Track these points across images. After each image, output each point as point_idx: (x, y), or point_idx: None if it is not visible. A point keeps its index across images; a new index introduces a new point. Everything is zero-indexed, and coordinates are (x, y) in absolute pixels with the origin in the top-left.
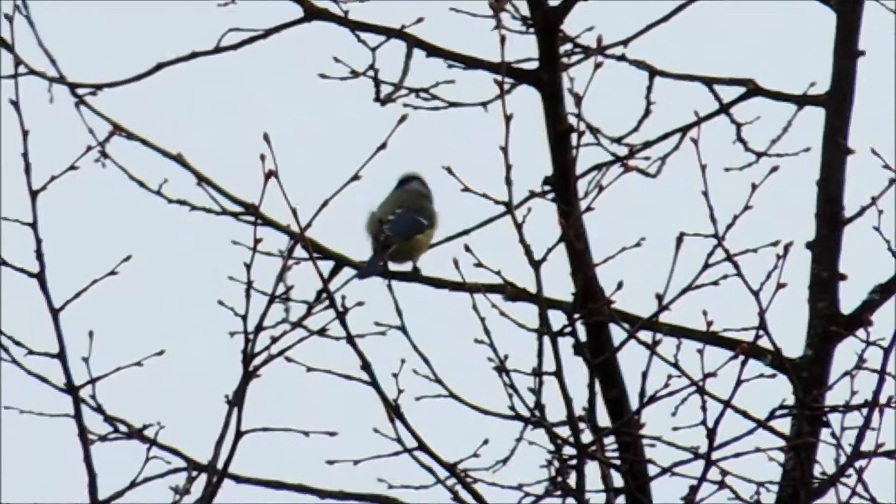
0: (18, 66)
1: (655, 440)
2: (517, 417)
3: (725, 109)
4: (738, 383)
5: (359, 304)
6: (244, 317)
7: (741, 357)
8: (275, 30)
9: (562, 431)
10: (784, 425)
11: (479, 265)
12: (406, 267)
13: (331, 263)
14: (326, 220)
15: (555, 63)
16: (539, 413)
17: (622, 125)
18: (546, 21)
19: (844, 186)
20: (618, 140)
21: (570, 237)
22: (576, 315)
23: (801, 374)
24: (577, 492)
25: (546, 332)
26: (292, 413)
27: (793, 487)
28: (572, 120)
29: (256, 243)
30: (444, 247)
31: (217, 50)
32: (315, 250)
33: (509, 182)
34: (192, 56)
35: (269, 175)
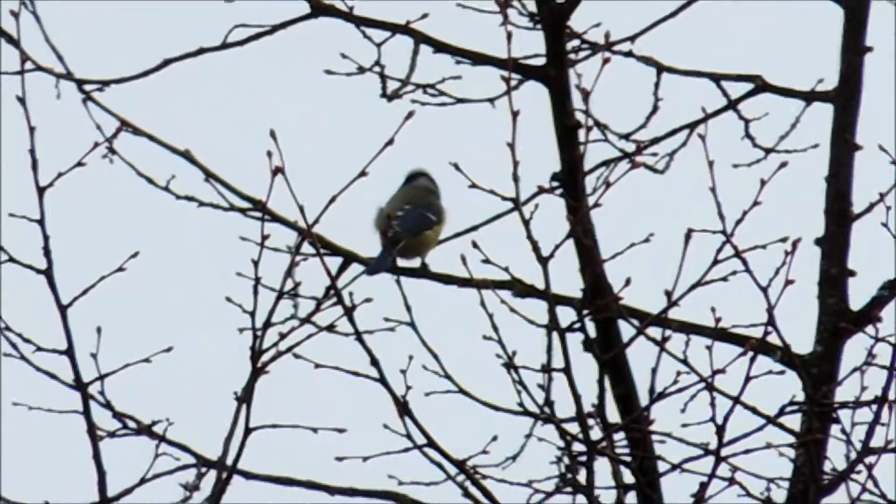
0: (25, 63)
1: (665, 436)
2: (526, 414)
3: (733, 106)
4: (748, 380)
5: (367, 301)
6: (252, 313)
7: (750, 353)
8: (281, 26)
9: (571, 428)
10: (794, 422)
11: (487, 261)
12: (414, 263)
13: (339, 260)
14: (334, 217)
15: (562, 59)
16: (548, 409)
17: (630, 121)
18: (553, 17)
19: (853, 182)
20: (626, 136)
21: (579, 233)
22: (585, 311)
23: (811, 371)
24: (587, 488)
25: (555, 329)
26: (301, 409)
27: (803, 484)
28: (580, 116)
29: (264, 239)
30: (452, 243)
31: (224, 46)
32: (323, 246)
33: (517, 178)
34: (199, 52)
35: (277, 171)
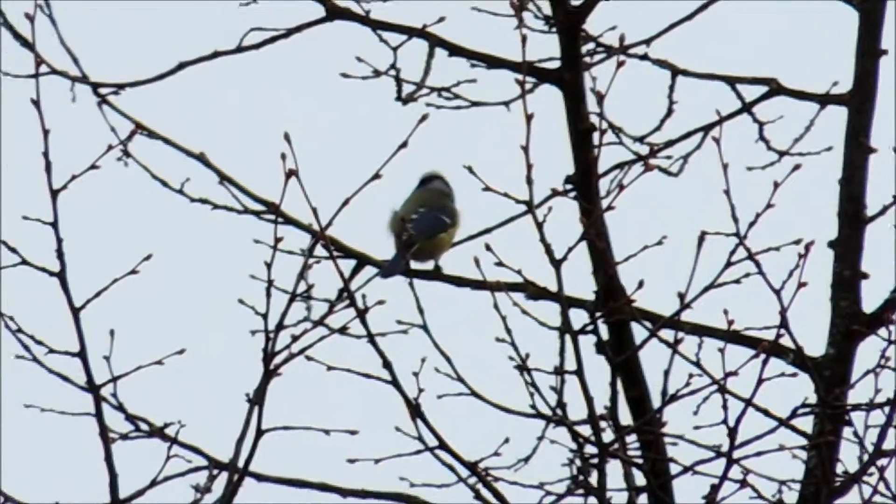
0: (40, 66)
1: (677, 439)
2: (539, 416)
3: (748, 108)
4: (760, 382)
5: (380, 303)
6: (265, 315)
7: (763, 356)
8: (297, 29)
9: (583, 430)
10: (806, 424)
11: (501, 264)
12: (428, 265)
13: (352, 262)
14: (348, 219)
15: (577, 62)
16: (561, 412)
17: (644, 124)
18: (568, 20)
19: (866, 185)
20: (640, 139)
21: (592, 236)
22: (597, 314)
23: (823, 373)
24: (599, 490)
25: (567, 331)
26: (313, 411)
27: (815, 486)
28: (594, 119)
29: (277, 242)
30: (466, 245)
31: (239, 49)
32: (336, 249)
33: (530, 181)
34: (215, 55)
35: (291, 174)
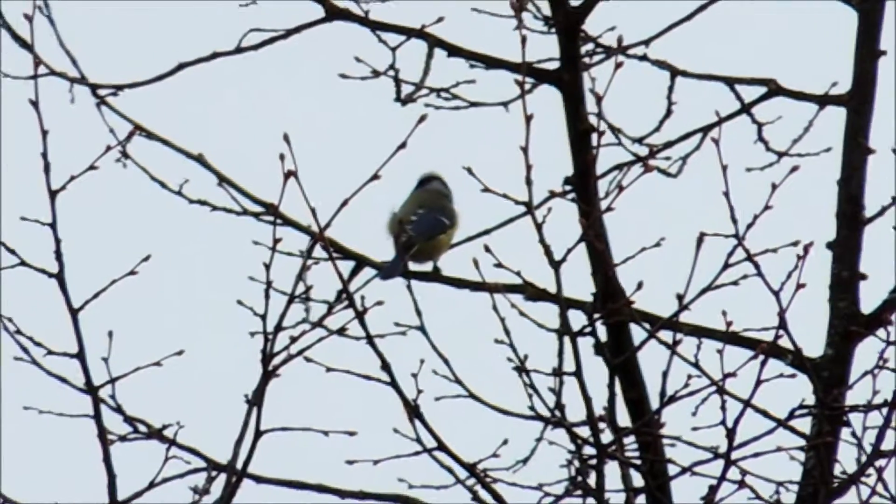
0: (39, 67)
1: (675, 440)
2: (537, 417)
3: (747, 109)
4: (758, 383)
5: (378, 304)
6: (264, 316)
7: (761, 357)
8: (296, 30)
9: (582, 431)
10: (804, 425)
11: (499, 265)
12: (426, 267)
13: (351, 263)
14: (346, 220)
15: (576, 63)
16: (559, 413)
17: (643, 125)
18: (568, 21)
19: (865, 186)
20: (639, 140)
21: (591, 237)
22: (596, 315)
23: (822, 374)
24: (597, 491)
25: (566, 332)
26: (312, 413)
27: (813, 487)
28: (593, 120)
29: (276, 243)
30: (465, 247)
31: (238, 50)
32: (335, 250)
33: (529, 182)
34: (213, 56)
35: (289, 175)
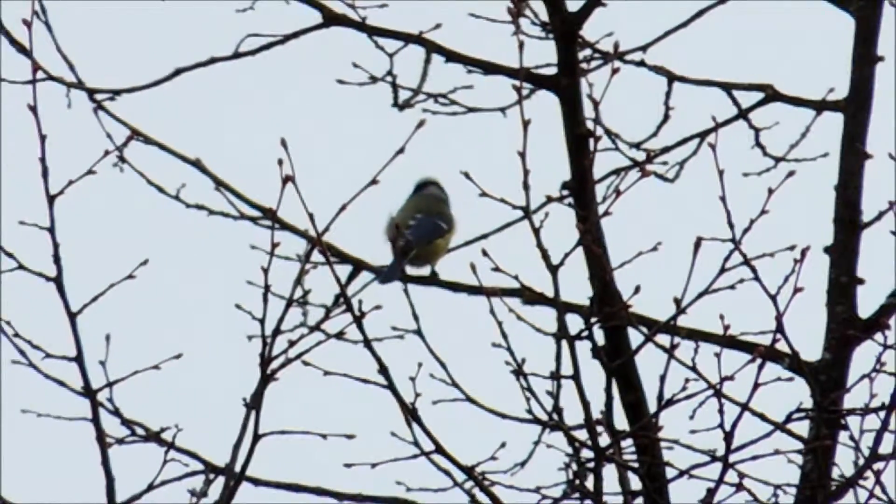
0: (36, 72)
1: (673, 443)
2: (535, 421)
3: (744, 115)
4: (756, 386)
5: (376, 308)
6: (262, 320)
7: (759, 360)
8: (293, 35)
9: (580, 435)
10: (802, 428)
11: (497, 269)
12: (424, 271)
13: (349, 268)
14: (344, 225)
15: (574, 69)
16: (557, 416)
17: (641, 130)
18: (565, 26)
19: (862, 191)
20: (636, 145)
21: (588, 242)
22: (593, 319)
23: (819, 378)
24: (595, 495)
25: (564, 336)
26: (310, 416)
27: (811, 490)
28: (590, 125)
29: (274, 247)
30: (462, 251)
31: (235, 55)
32: (333, 254)
33: (527, 187)
34: (211, 61)
35: (287, 180)
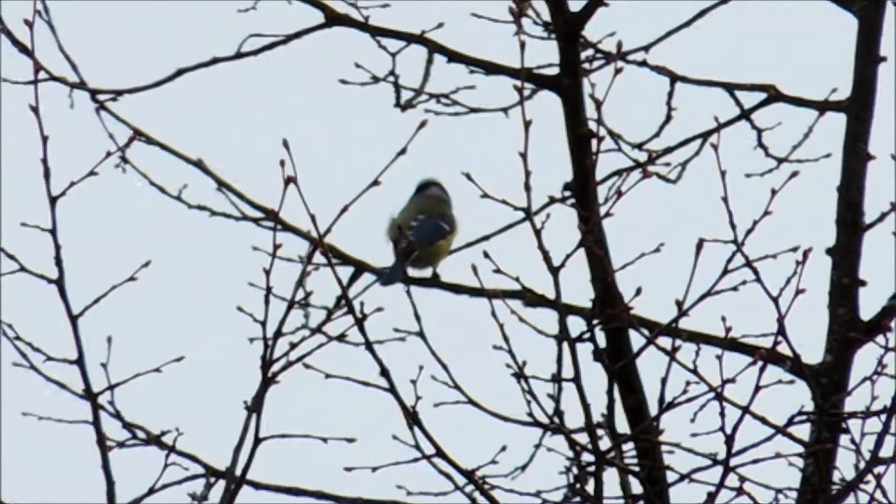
0: (38, 72)
1: (674, 446)
2: (536, 424)
3: (746, 115)
4: (757, 389)
5: (378, 311)
6: (263, 323)
7: (760, 363)
8: (295, 35)
9: (580, 438)
10: (803, 431)
11: (498, 271)
12: (426, 273)
13: (351, 269)
14: (346, 226)
15: (576, 69)
16: (558, 419)
17: (643, 131)
18: (567, 26)
19: (865, 192)
20: (638, 146)
21: (590, 243)
22: (595, 321)
23: (821, 380)
24: (596, 498)
25: (565, 339)
26: (311, 419)
27: (811, 494)
28: (593, 125)
29: (276, 249)
30: (463, 253)
31: (238, 56)
32: (335, 256)
33: (528, 188)
34: (213, 62)
35: (289, 181)
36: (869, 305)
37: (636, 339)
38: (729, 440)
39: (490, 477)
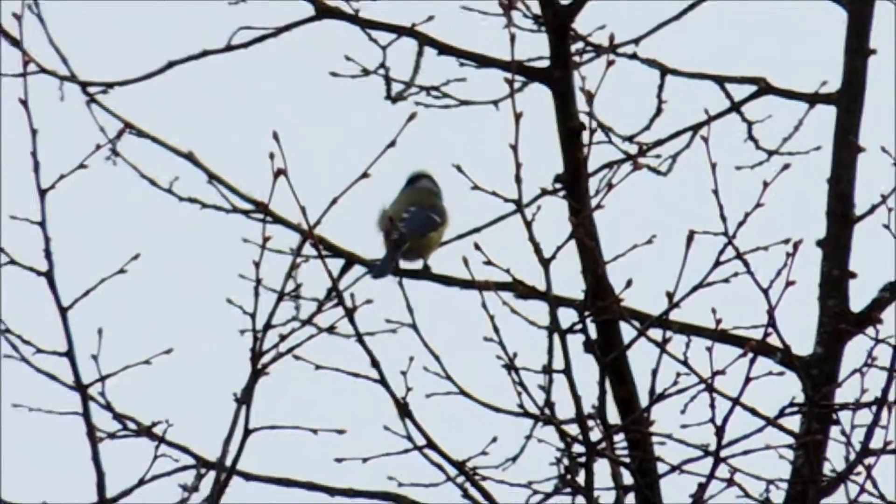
0: (28, 65)
1: (665, 438)
2: (527, 415)
3: (737, 108)
4: (748, 381)
5: (368, 302)
6: (253, 315)
7: (750, 355)
8: (286, 28)
9: (571, 429)
10: (793, 423)
11: (489, 263)
12: (416, 265)
13: (341, 261)
14: (336, 218)
15: (566, 61)
16: (549, 411)
17: (633, 123)
18: (558, 19)
19: (855, 184)
20: (629, 138)
21: (581, 235)
22: (586, 313)
23: (811, 372)
24: (587, 489)
25: (556, 330)
26: (301, 411)
27: (802, 485)
28: (583, 118)
29: (266, 241)
30: (455, 245)
31: (228, 48)
32: (325, 248)
33: (519, 180)
34: (204, 54)
35: (279, 173)
36: (859, 297)
37: (627, 331)
38: (719, 431)
39: (481, 468)
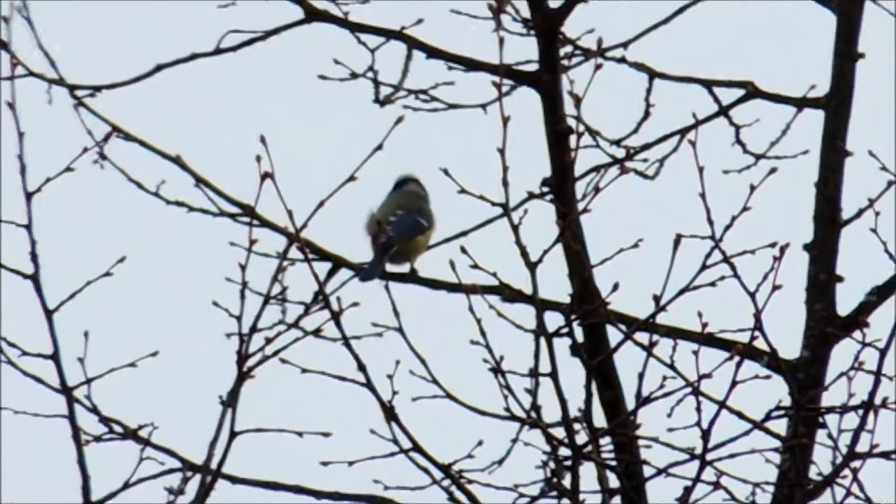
0: (16, 68)
1: (651, 441)
2: (513, 418)
3: (724, 111)
4: (734, 384)
5: (354, 305)
6: (239, 318)
7: (737, 358)
8: (275, 31)
9: (557, 432)
10: (780, 426)
11: (476, 266)
12: (403, 268)
13: (328, 265)
14: (323, 221)
15: (555, 65)
16: (535, 414)
17: (621, 127)
18: (546, 23)
19: (842, 188)
20: (617, 142)
21: (567, 238)
22: (572, 316)
23: (798, 376)
24: (573, 493)
25: (542, 334)
26: (287, 414)
27: (788, 488)
28: (571, 122)
29: (252, 244)
30: (441, 248)
31: (216, 51)
32: (312, 251)
33: (506, 184)
34: (192, 57)
35: (266, 176)
36: (846, 301)
37: (614, 334)
38: (706, 435)
39: (467, 471)
